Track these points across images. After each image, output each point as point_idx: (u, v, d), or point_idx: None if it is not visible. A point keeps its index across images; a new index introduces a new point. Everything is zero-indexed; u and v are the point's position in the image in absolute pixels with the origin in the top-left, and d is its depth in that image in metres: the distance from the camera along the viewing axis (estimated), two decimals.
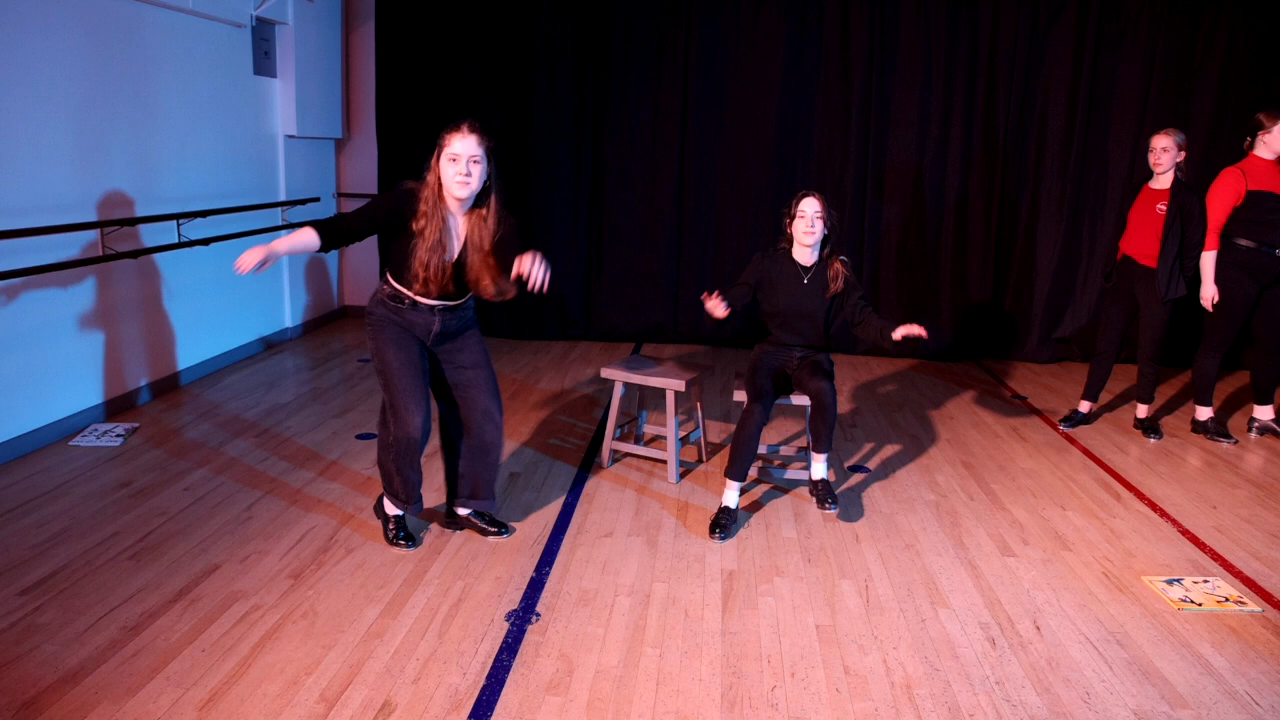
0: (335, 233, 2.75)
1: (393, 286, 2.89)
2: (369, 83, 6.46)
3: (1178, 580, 3.00)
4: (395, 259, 2.87)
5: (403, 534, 3.08)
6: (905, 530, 3.37)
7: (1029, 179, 6.01)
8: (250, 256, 2.56)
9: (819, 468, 3.43)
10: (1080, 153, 5.90)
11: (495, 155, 2.81)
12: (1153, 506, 3.65)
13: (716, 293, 3.33)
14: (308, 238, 2.72)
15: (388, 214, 2.79)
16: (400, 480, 2.99)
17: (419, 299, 2.88)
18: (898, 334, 3.25)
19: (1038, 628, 2.69)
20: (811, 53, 5.98)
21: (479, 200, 2.84)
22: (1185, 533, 3.41)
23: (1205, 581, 2.99)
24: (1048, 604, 2.83)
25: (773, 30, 5.97)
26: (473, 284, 2.89)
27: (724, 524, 3.25)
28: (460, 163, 2.71)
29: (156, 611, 2.59)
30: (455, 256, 2.85)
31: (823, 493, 3.36)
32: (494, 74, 6.18)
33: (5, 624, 2.49)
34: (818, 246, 3.48)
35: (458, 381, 3.04)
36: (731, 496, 3.35)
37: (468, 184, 2.73)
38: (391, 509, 3.10)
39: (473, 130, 2.73)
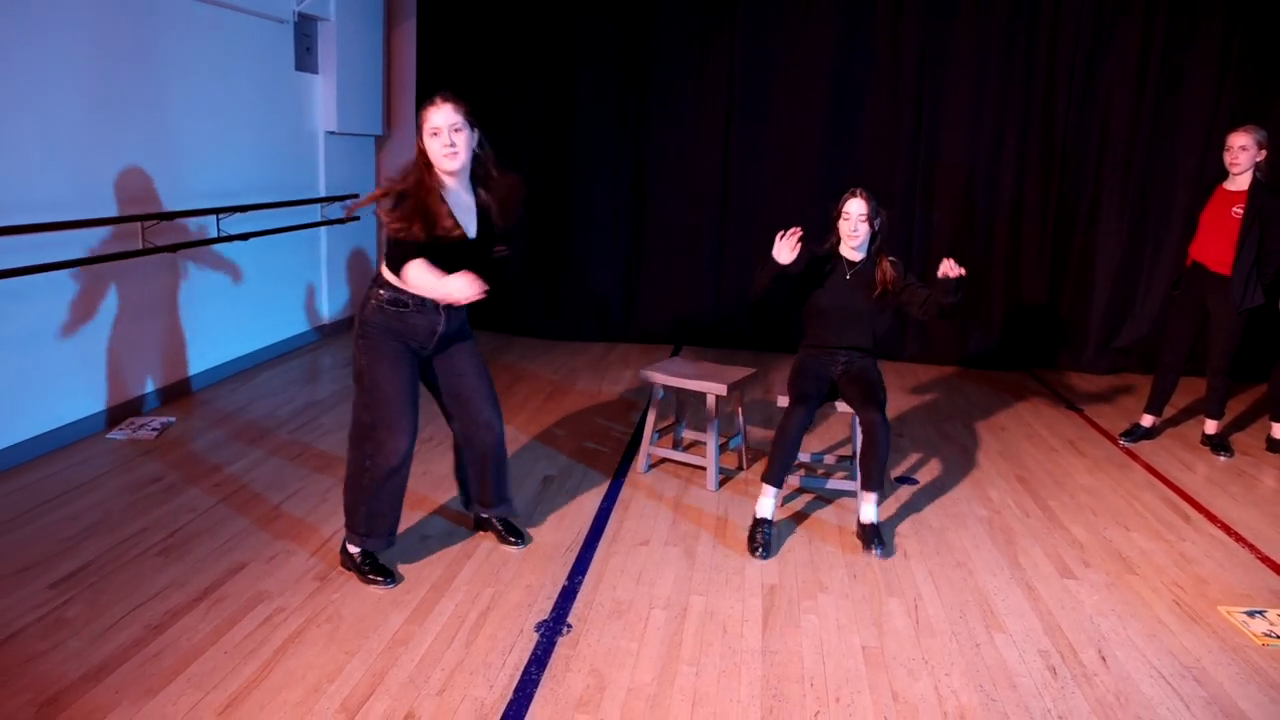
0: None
1: (393, 289, 2.64)
2: (410, 80, 6.42)
3: (1260, 612, 2.79)
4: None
5: (373, 568, 2.75)
6: (956, 547, 3.20)
7: (1089, 181, 5.76)
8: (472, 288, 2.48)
9: (869, 509, 3.19)
10: (1145, 153, 5.63)
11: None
12: (1226, 530, 3.43)
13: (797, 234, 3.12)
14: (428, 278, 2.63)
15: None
16: (364, 511, 2.69)
17: (426, 296, 2.64)
18: (941, 273, 3.08)
19: (1103, 658, 2.50)
20: (861, 49, 5.80)
21: (480, 176, 2.72)
22: (1265, 560, 3.18)
23: None
24: (1113, 632, 2.64)
25: (821, 26, 5.80)
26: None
27: (763, 540, 3.08)
28: (443, 134, 2.56)
29: (181, 610, 2.52)
30: (474, 234, 2.69)
31: (870, 536, 3.13)
32: (535, 72, 6.10)
33: (34, 617, 2.46)
34: (864, 246, 3.33)
35: (457, 392, 2.85)
36: (767, 505, 3.17)
37: (455, 154, 2.58)
38: (352, 547, 2.77)
39: (446, 99, 2.59)
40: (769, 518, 3.16)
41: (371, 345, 2.66)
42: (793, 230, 3.13)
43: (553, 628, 2.54)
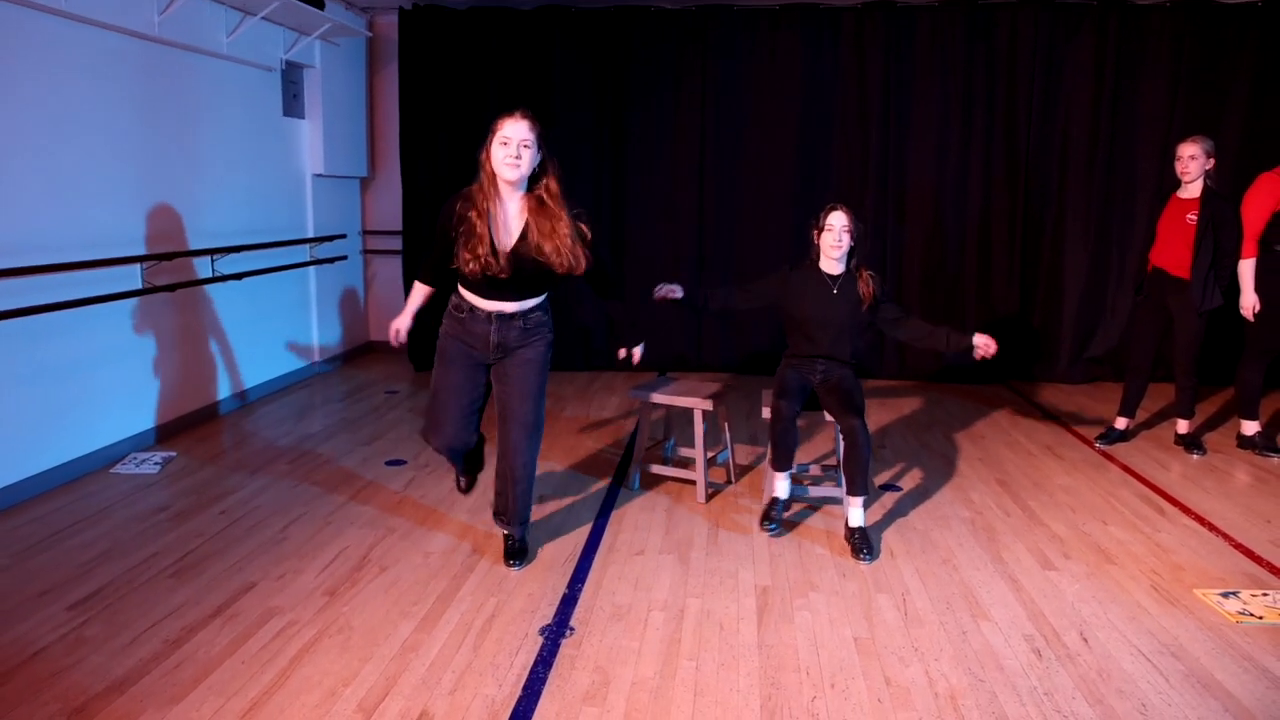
0: (430, 271, 3.00)
1: (458, 294, 2.93)
2: (393, 122, 6.59)
3: (1234, 593, 2.92)
4: (458, 260, 2.82)
5: (462, 477, 3.33)
6: (941, 546, 3.32)
7: (1053, 195, 6.00)
8: (400, 329, 3.02)
9: (855, 514, 3.32)
10: (1105, 167, 5.89)
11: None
12: (1201, 521, 3.57)
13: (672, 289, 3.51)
14: (421, 290, 3.03)
15: (446, 219, 2.83)
16: (450, 464, 3.28)
17: (476, 304, 2.88)
18: (979, 352, 3.32)
19: (1085, 640, 2.62)
20: (828, 75, 6.04)
21: (534, 184, 2.82)
22: (1239, 546, 3.32)
23: (1264, 595, 2.90)
24: (1094, 616, 2.77)
25: (789, 54, 6.05)
26: (563, 263, 2.78)
27: (775, 516, 3.31)
28: (511, 145, 2.72)
29: (196, 626, 2.60)
30: (512, 245, 2.80)
31: (859, 543, 3.24)
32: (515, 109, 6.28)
33: (55, 636, 2.54)
34: (844, 258, 3.49)
35: (501, 405, 3.00)
36: (783, 486, 3.41)
37: (517, 166, 2.73)
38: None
39: (525, 116, 2.76)
40: (783, 497, 3.40)
41: (439, 346, 2.99)
42: (660, 292, 3.54)
43: (556, 631, 2.64)
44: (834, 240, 3.42)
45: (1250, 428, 4.46)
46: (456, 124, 6.27)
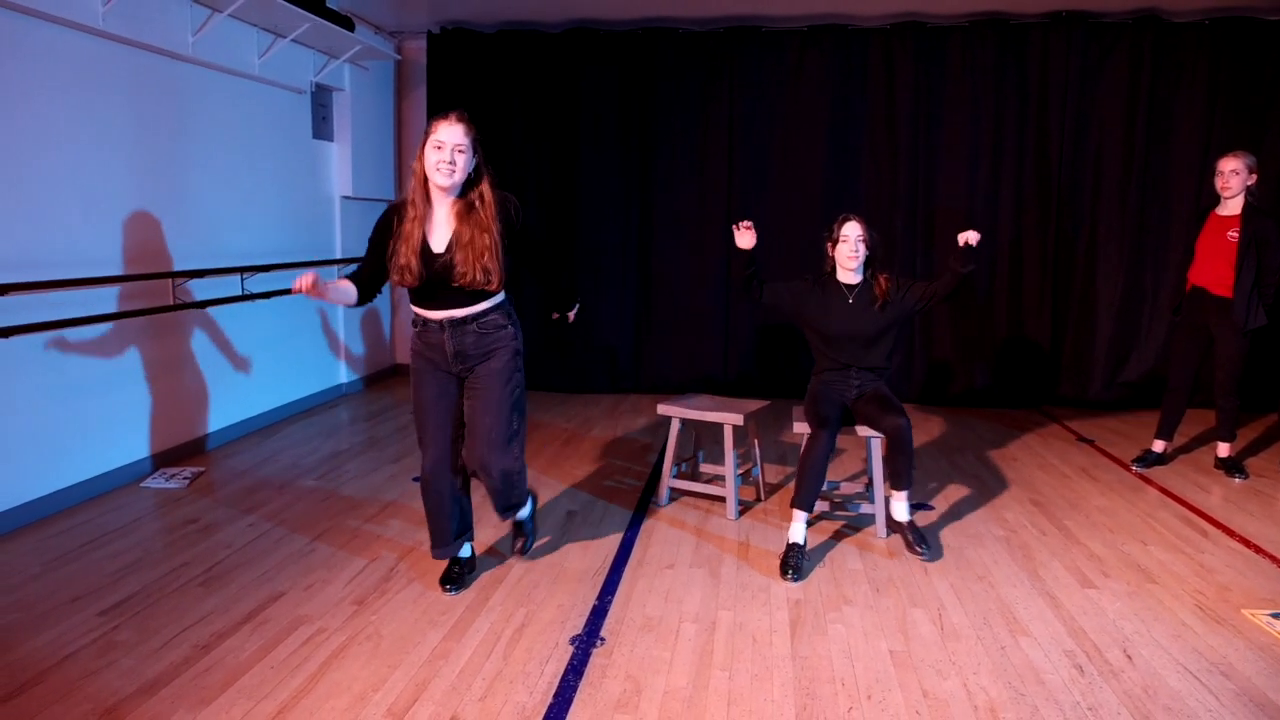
0: (358, 276, 2.81)
1: (412, 309, 2.82)
2: (419, 146, 6.69)
3: None
4: (391, 269, 2.75)
5: (443, 575, 2.95)
6: (976, 563, 3.25)
7: (1085, 216, 5.95)
8: (306, 278, 2.57)
9: (901, 507, 3.31)
10: (1139, 188, 5.83)
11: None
12: (1246, 543, 3.47)
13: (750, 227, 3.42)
14: (345, 284, 2.79)
15: (382, 231, 2.74)
16: (430, 521, 2.89)
17: (427, 315, 2.76)
18: (963, 239, 3.34)
19: (1129, 656, 2.55)
20: (856, 96, 6.06)
21: (467, 189, 2.71)
22: None
23: None
24: (1137, 634, 2.69)
25: (817, 75, 6.08)
26: (467, 276, 2.66)
27: (795, 564, 3.12)
28: (445, 150, 2.61)
29: (226, 632, 2.59)
30: (444, 250, 2.68)
31: (915, 536, 3.24)
32: (541, 134, 6.37)
33: (87, 640, 2.54)
34: (861, 268, 3.47)
35: (470, 420, 2.82)
36: (799, 530, 3.24)
37: (451, 171, 2.62)
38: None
39: (460, 119, 2.65)
40: (801, 543, 3.22)
41: (411, 365, 2.89)
42: (744, 223, 3.41)
43: (587, 641, 2.60)
44: (850, 251, 3.41)
45: None
46: (484, 146, 6.27)
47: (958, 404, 6.11)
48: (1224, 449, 4.44)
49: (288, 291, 5.25)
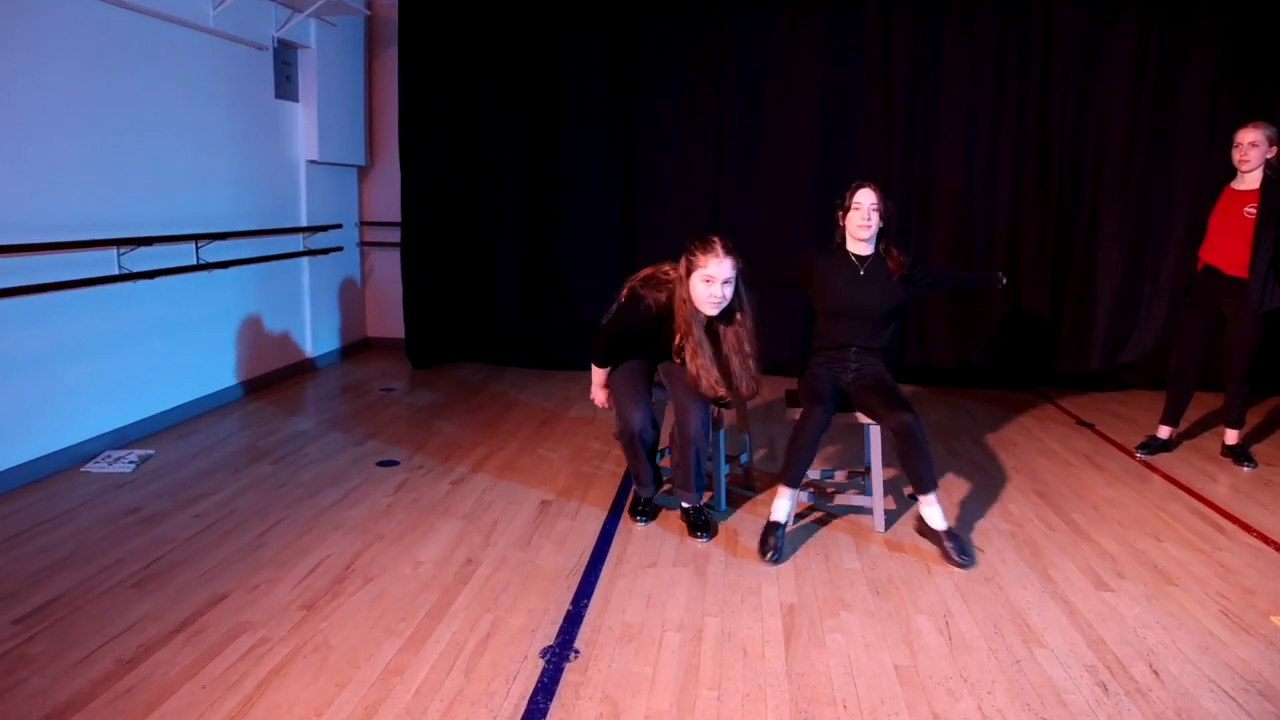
0: (605, 358, 3.24)
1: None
2: (392, 109, 6.30)
3: None
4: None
5: (639, 509, 3.30)
6: (982, 562, 3.02)
7: (1086, 193, 5.69)
8: (600, 395, 3.31)
9: (934, 513, 3.05)
10: (1143, 163, 5.56)
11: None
12: (1264, 539, 3.26)
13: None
14: (599, 370, 3.27)
15: (636, 326, 3.06)
16: (636, 467, 3.25)
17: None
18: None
19: (1155, 672, 2.32)
20: (852, 66, 5.75)
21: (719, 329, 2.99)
22: None
23: None
24: (1161, 646, 2.47)
25: (811, 43, 5.76)
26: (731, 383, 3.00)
27: (775, 544, 2.94)
28: (715, 285, 2.82)
29: (156, 643, 2.31)
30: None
31: (956, 545, 2.97)
32: (520, 98, 6.01)
33: None
34: (873, 239, 3.21)
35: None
36: (782, 508, 3.03)
37: (719, 305, 2.85)
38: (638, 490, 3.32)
39: (728, 253, 2.83)
40: (783, 521, 3.02)
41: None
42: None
43: (559, 654, 2.34)
44: (862, 219, 3.15)
45: None
46: (460, 111, 5.99)
47: (950, 382, 5.87)
48: (1232, 436, 4.24)
49: (247, 261, 4.91)
